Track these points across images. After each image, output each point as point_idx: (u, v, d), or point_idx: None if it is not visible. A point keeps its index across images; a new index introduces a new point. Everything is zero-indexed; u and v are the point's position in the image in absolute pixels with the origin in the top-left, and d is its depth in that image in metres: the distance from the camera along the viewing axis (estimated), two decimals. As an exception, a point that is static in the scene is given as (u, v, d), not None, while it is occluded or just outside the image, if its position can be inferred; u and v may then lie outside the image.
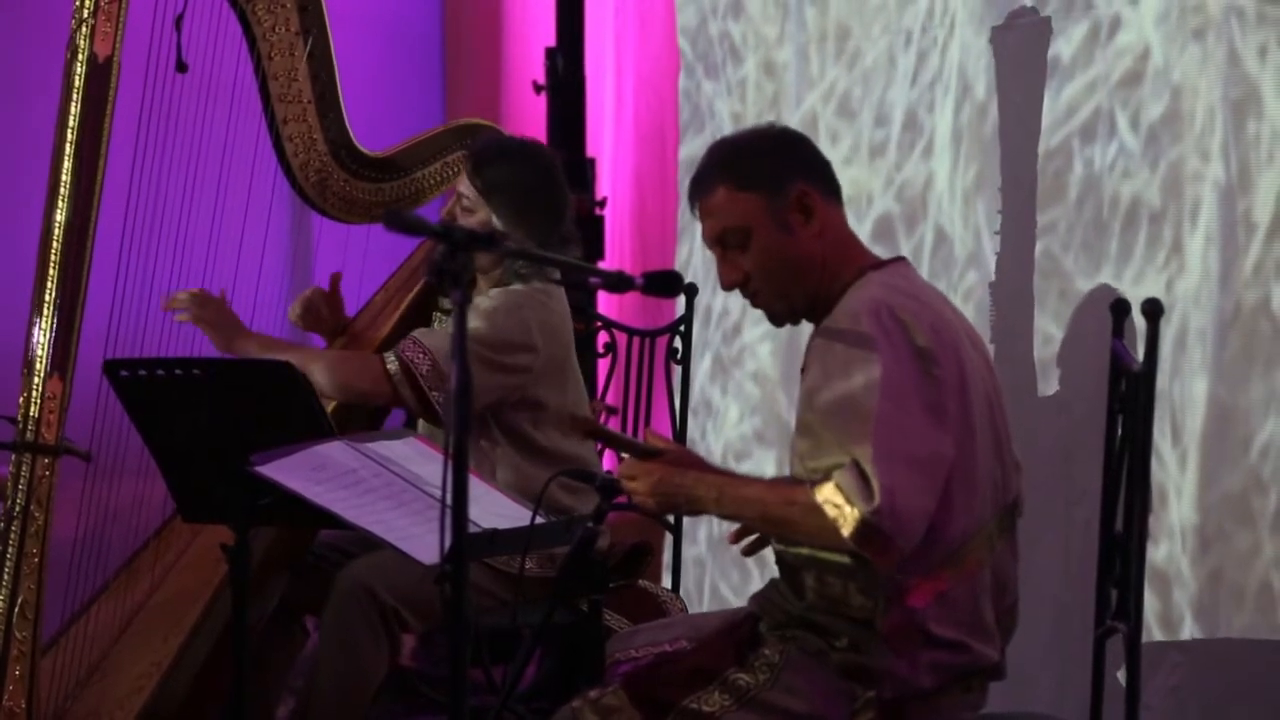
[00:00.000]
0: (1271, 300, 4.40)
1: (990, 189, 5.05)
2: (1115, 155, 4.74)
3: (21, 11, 5.47)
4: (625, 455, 3.24)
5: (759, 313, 3.30)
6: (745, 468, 5.53)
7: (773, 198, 3.22)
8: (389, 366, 4.38)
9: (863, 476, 3.02)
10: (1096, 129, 4.77)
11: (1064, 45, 4.87)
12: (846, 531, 3.02)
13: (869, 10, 5.48)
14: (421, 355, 4.38)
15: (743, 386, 5.73)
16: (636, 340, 5.18)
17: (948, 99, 5.20)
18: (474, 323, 4.35)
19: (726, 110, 5.89)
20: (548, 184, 4.48)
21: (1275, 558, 4.34)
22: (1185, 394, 4.45)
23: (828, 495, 3.03)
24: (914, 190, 5.19)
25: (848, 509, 3.02)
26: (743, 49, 5.88)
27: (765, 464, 5.69)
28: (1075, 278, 4.79)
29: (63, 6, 4.26)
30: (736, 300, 5.62)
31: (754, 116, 5.73)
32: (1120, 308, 3.39)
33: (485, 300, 4.43)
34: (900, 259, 3.31)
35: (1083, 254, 4.79)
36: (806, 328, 3.27)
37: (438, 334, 4.46)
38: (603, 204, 6.02)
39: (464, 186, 4.47)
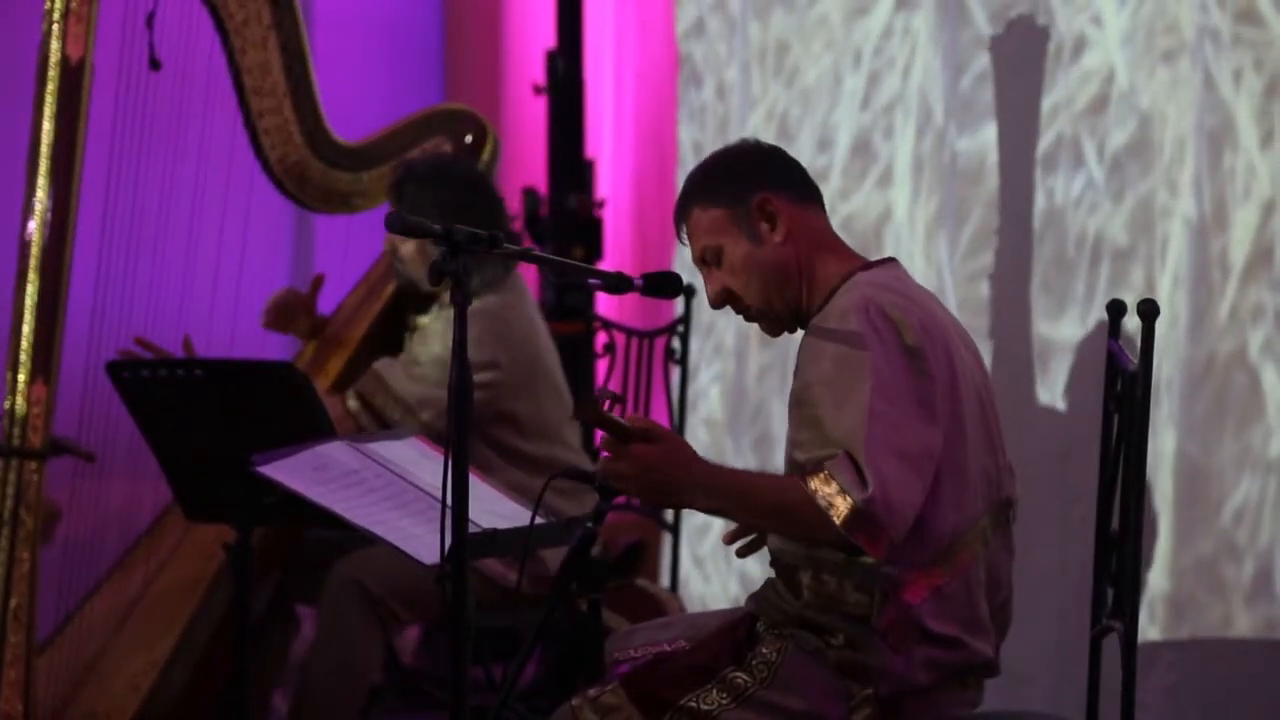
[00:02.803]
0: (1248, 350, 4.22)
1: (953, 222, 4.87)
2: (1079, 188, 4.56)
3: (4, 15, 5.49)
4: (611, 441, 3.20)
5: (712, 353, 3.29)
6: (696, 521, 5.42)
7: (736, 210, 3.27)
8: (349, 405, 4.45)
9: (855, 467, 3.05)
10: (1058, 158, 4.62)
11: (1015, 65, 4.72)
12: (839, 519, 3.04)
13: (809, 24, 5.34)
14: (377, 387, 4.43)
15: (696, 433, 5.71)
16: (635, 340, 5.20)
17: (908, 125, 5.06)
18: (434, 350, 4.39)
19: (688, 139, 5.84)
20: (468, 195, 4.47)
21: (1250, 630, 4.24)
22: (1154, 450, 4.32)
23: (819, 485, 3.06)
24: (866, 221, 5.08)
25: (839, 498, 3.05)
26: (703, 71, 5.84)
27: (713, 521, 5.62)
28: (1035, 321, 4.64)
29: (31, 6, 4.28)
30: (696, 342, 5.61)
31: (709, 144, 5.67)
32: (1116, 309, 3.41)
33: (435, 323, 4.45)
34: (890, 259, 3.34)
35: (1043, 294, 4.64)
36: (755, 366, 3.28)
37: (392, 364, 4.49)
38: (602, 205, 6.04)
39: None
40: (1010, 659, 3.33)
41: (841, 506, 3.04)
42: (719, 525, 5.31)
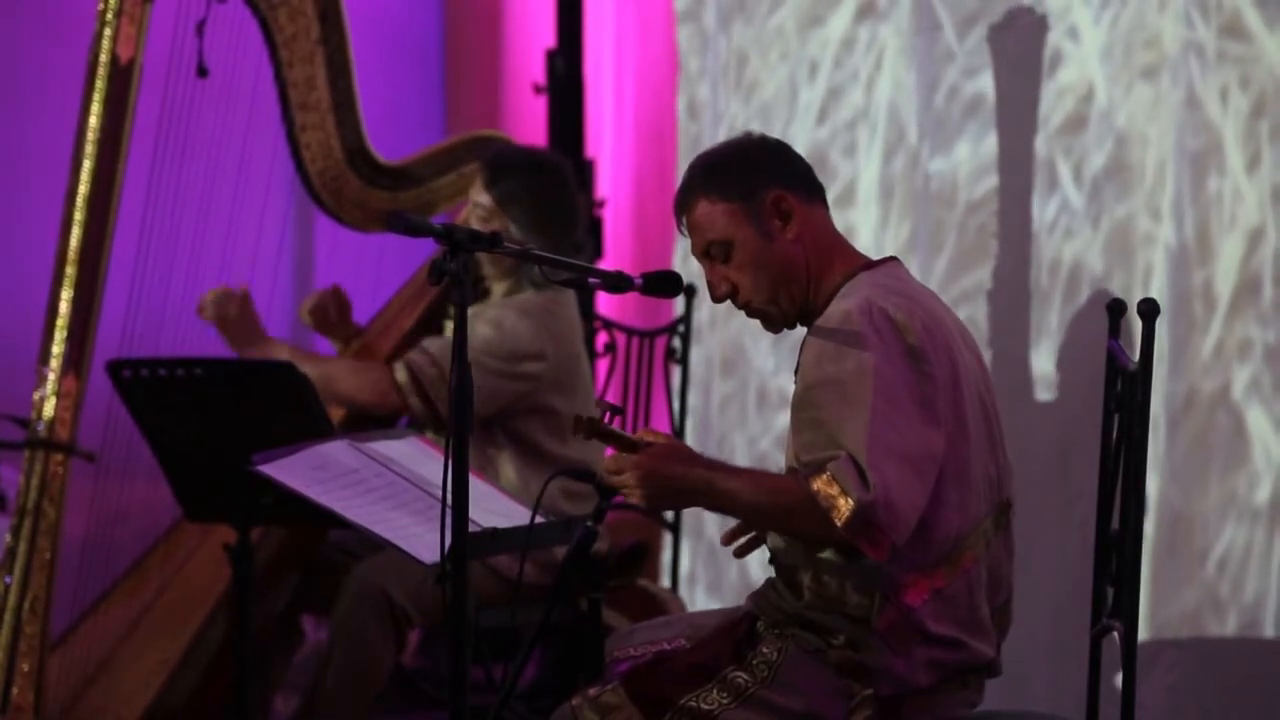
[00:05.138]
0: (1233, 388, 4.09)
1: (926, 249, 4.72)
2: (1054, 212, 4.39)
3: (31, 14, 5.51)
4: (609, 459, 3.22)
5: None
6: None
7: (749, 205, 3.25)
8: (397, 376, 4.43)
9: (858, 469, 3.05)
10: (1032, 180, 4.49)
11: (991, 82, 4.58)
12: (841, 521, 3.04)
13: (767, 35, 5.20)
14: (428, 363, 4.42)
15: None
16: (636, 340, 5.20)
17: (874, 143, 4.91)
18: (483, 330, 4.40)
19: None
20: (561, 193, 4.54)
21: (1236, 686, 4.16)
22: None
23: (821, 486, 3.06)
24: (824, 244, 4.96)
25: (842, 500, 3.04)
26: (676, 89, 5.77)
27: (682, 552, 5.58)
28: (1006, 354, 4.50)
29: (72, 8, 4.30)
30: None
31: (680, 164, 5.61)
32: (1116, 308, 3.41)
33: (493, 309, 4.47)
34: (892, 259, 3.33)
35: (1016, 325, 4.53)
36: (718, 397, 3.23)
37: (445, 341, 4.48)
38: (602, 205, 6.04)
39: (480, 197, 4.52)
40: (1010, 659, 3.33)
41: (843, 508, 3.04)
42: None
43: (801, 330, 3.30)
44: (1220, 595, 4.18)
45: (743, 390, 5.39)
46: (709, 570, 5.61)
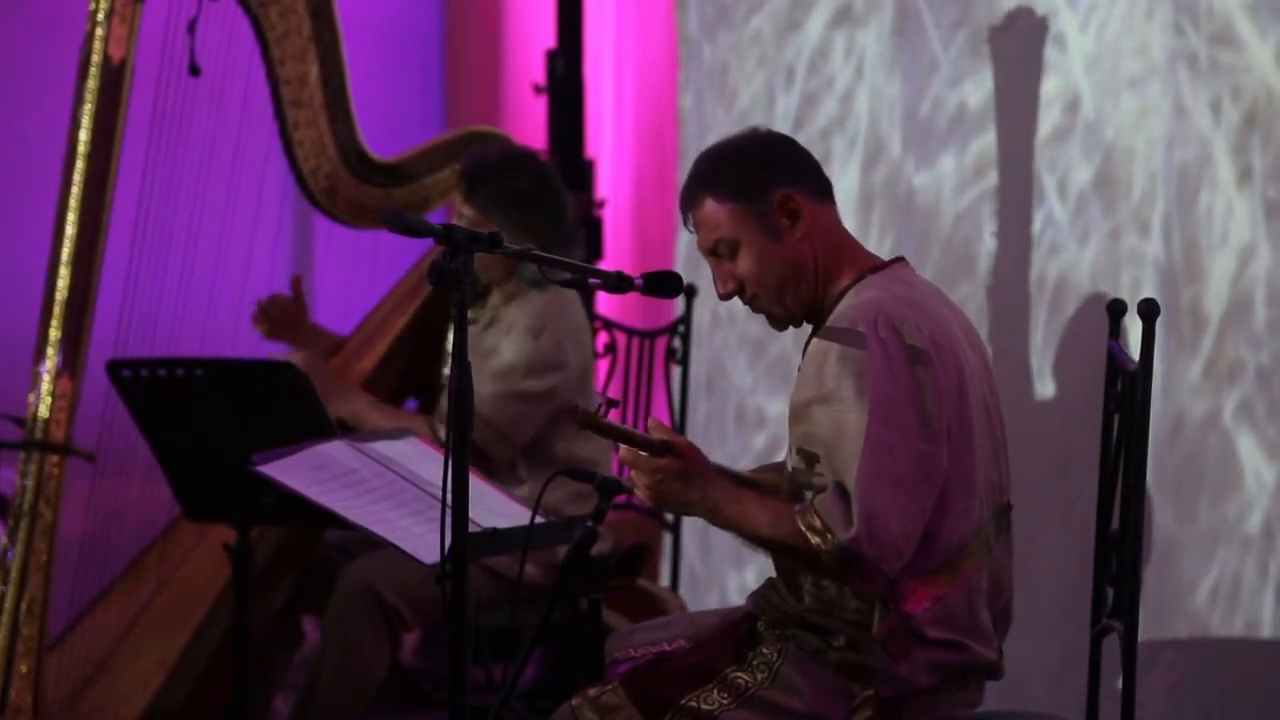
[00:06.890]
0: (1224, 412, 4.00)
1: (913, 260, 4.65)
2: (1038, 226, 4.31)
3: (29, 13, 5.51)
4: (625, 447, 3.21)
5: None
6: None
7: (756, 206, 3.23)
8: (439, 433, 4.41)
9: (845, 501, 3.04)
10: (1029, 186, 4.39)
11: (974, 90, 4.49)
12: (828, 560, 3.05)
13: (744, 41, 5.14)
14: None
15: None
16: (636, 340, 5.20)
17: (854, 154, 4.83)
18: (508, 356, 4.41)
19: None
20: (542, 190, 4.52)
21: (1237, 686, 4.10)
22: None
23: (810, 522, 3.06)
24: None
25: (828, 536, 3.04)
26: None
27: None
28: (1000, 358, 4.38)
29: (70, 7, 4.30)
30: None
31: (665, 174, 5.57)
32: (1116, 308, 3.41)
33: (516, 322, 4.45)
34: (899, 259, 3.31)
35: (995, 342, 4.45)
36: (702, 414, 3.18)
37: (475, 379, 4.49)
38: (602, 205, 6.05)
39: (463, 209, 4.52)
40: (1010, 659, 3.33)
41: (830, 545, 3.04)
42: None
43: (784, 346, 3.28)
44: (1211, 626, 4.14)
45: (722, 409, 5.38)
46: (691, 595, 5.61)
